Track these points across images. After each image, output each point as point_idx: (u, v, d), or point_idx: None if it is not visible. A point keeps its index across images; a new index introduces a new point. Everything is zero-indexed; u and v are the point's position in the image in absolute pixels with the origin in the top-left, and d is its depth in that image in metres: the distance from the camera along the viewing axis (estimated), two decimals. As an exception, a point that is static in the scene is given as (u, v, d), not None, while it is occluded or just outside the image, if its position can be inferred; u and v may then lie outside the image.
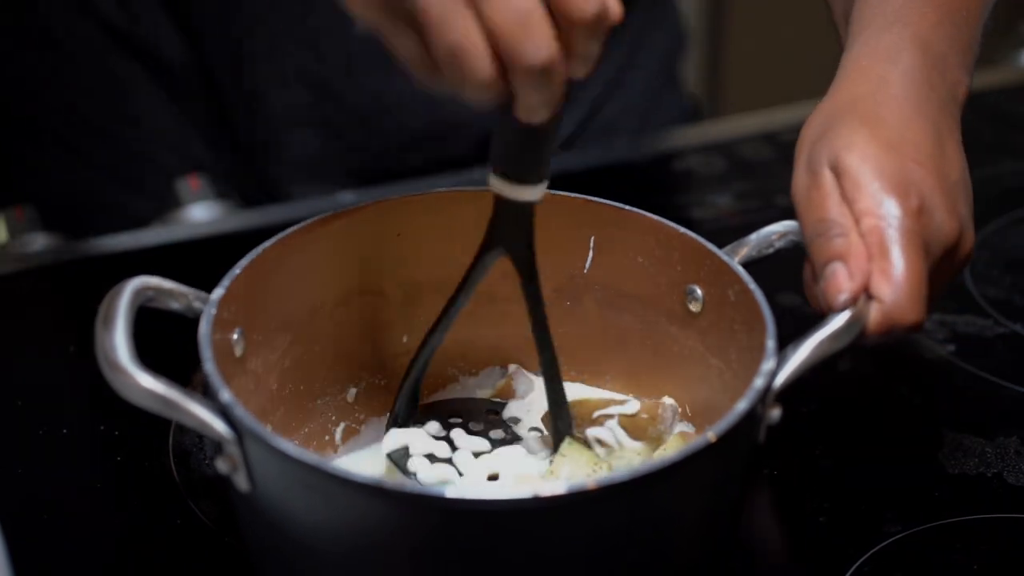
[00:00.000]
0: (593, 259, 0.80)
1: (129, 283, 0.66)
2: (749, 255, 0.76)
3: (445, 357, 0.80)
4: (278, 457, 0.62)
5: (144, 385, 0.62)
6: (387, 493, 0.60)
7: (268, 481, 0.64)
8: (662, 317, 0.79)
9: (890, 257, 0.69)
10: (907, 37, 0.76)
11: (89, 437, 0.84)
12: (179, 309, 0.69)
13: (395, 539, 0.63)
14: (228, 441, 0.63)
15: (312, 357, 0.78)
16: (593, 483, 0.60)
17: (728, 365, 0.75)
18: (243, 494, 0.65)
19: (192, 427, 0.64)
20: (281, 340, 0.75)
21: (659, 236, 0.77)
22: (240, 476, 0.64)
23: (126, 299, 0.65)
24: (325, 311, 0.78)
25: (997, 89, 1.30)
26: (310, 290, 0.77)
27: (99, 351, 0.63)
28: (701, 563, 0.70)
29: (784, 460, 0.82)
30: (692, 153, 1.18)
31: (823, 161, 0.73)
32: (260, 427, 0.62)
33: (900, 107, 0.74)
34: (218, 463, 0.64)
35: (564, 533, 0.62)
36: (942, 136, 0.75)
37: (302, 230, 0.75)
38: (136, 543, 0.78)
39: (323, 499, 0.62)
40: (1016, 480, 0.83)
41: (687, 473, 0.63)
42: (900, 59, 0.76)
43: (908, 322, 0.69)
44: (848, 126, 0.73)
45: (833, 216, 0.71)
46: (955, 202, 0.73)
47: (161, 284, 0.68)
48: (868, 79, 0.76)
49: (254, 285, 0.72)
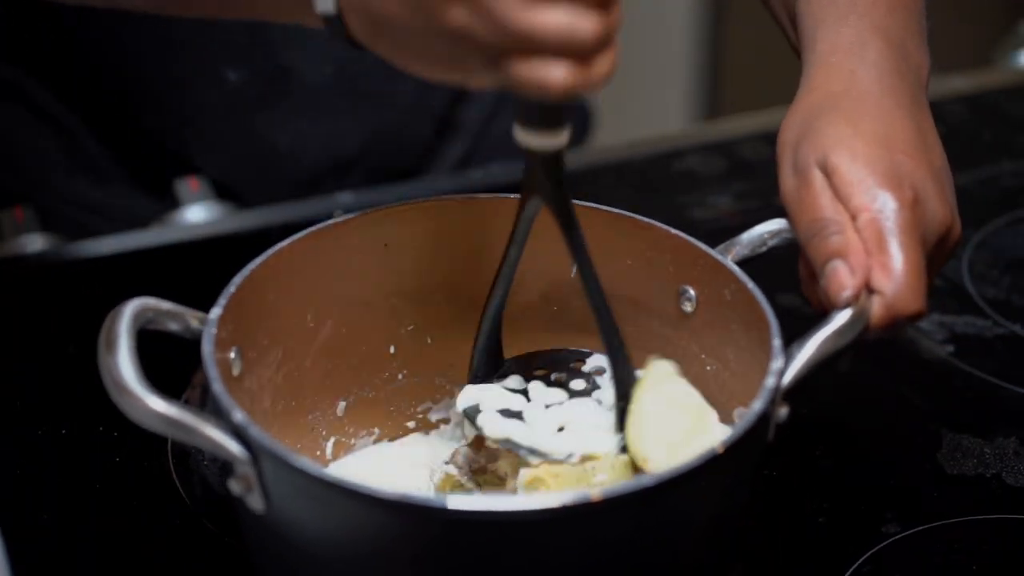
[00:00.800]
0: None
1: (128, 305, 0.66)
2: (742, 254, 0.76)
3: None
4: (295, 475, 0.61)
5: (154, 408, 0.62)
6: (405, 505, 0.59)
7: (283, 499, 0.63)
8: (654, 319, 0.78)
9: (889, 250, 0.70)
10: (866, 28, 0.77)
11: (88, 437, 0.84)
12: (177, 330, 0.68)
13: (404, 549, 0.62)
14: (242, 462, 0.62)
15: (303, 372, 0.77)
16: (599, 494, 0.60)
17: (725, 365, 0.75)
18: (256, 514, 0.64)
19: (204, 448, 0.63)
20: (273, 356, 0.75)
21: (649, 238, 0.77)
22: (255, 497, 0.63)
23: (127, 321, 0.65)
24: (314, 324, 0.78)
25: (996, 89, 1.30)
26: (300, 303, 0.76)
27: (105, 376, 0.62)
28: (708, 569, 0.69)
29: (784, 461, 0.82)
30: (692, 153, 1.18)
31: (811, 161, 0.73)
32: (277, 445, 0.61)
33: (878, 100, 0.74)
34: (231, 484, 0.63)
35: (568, 543, 0.62)
36: (921, 125, 0.75)
37: (292, 244, 0.75)
38: (135, 544, 0.78)
39: (338, 513, 0.62)
40: (1015, 481, 0.83)
41: (699, 481, 0.63)
42: (866, 52, 0.76)
43: (910, 312, 0.70)
44: (831, 124, 0.73)
45: (828, 215, 0.71)
46: (943, 189, 0.74)
47: (159, 305, 0.67)
48: (839, 75, 0.76)
49: (248, 301, 0.71)
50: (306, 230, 0.75)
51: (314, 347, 0.78)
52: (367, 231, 0.78)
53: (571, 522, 0.61)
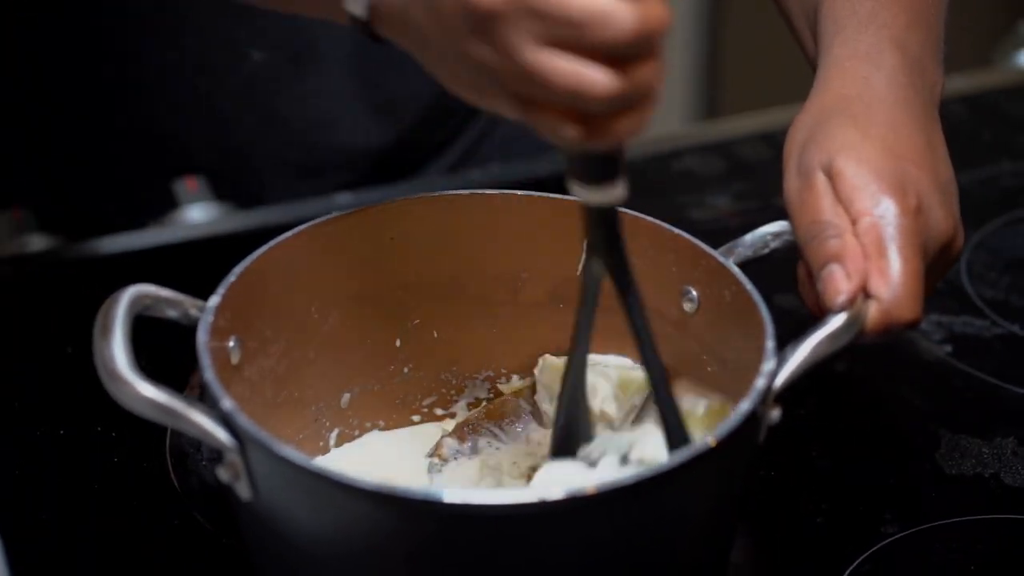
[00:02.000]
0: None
1: (126, 291, 0.66)
2: (744, 255, 0.76)
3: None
4: (281, 464, 0.61)
5: (144, 394, 0.62)
6: (392, 498, 0.60)
7: (270, 488, 0.63)
8: (656, 318, 0.79)
9: (887, 256, 0.69)
10: (885, 39, 0.77)
11: (86, 438, 0.84)
12: (176, 317, 0.68)
13: (397, 543, 0.63)
14: (230, 449, 0.63)
15: (306, 363, 0.78)
16: (593, 488, 0.60)
17: (724, 366, 0.75)
18: (245, 502, 0.65)
19: (193, 436, 0.63)
20: (275, 347, 0.75)
21: (653, 238, 0.77)
22: (242, 484, 0.64)
23: (123, 307, 0.65)
24: (319, 316, 0.78)
25: (996, 89, 1.30)
26: (304, 295, 0.77)
27: (98, 360, 0.63)
28: (703, 566, 0.69)
29: (782, 461, 0.82)
30: (691, 153, 1.18)
31: (815, 164, 0.73)
32: (263, 434, 0.62)
33: (889, 109, 0.74)
34: (219, 472, 0.64)
35: (563, 538, 0.62)
36: (931, 136, 0.75)
37: (295, 236, 0.75)
38: (133, 544, 0.78)
39: (326, 505, 0.62)
40: (1013, 481, 0.83)
41: (689, 477, 0.63)
42: (882, 61, 0.76)
43: (906, 320, 0.69)
44: (840, 128, 0.73)
45: (827, 218, 0.71)
46: (949, 200, 0.74)
47: (158, 292, 0.68)
48: (853, 80, 0.76)
49: (249, 291, 0.72)
50: (310, 222, 0.75)
51: (318, 339, 0.78)
52: (372, 224, 0.78)
53: (567, 515, 0.61)
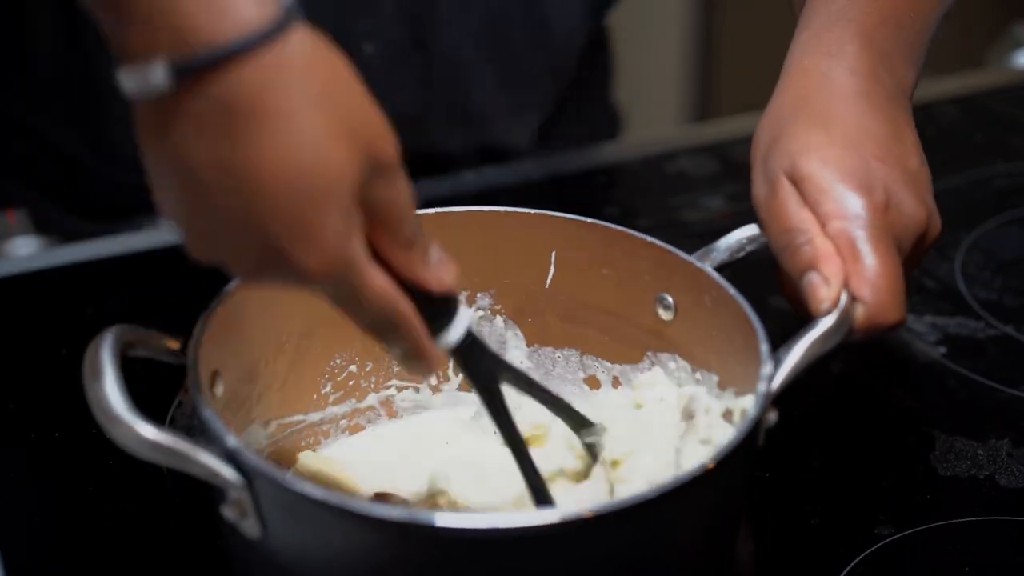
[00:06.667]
0: (555, 274, 0.80)
1: (109, 332, 0.64)
2: (720, 259, 0.75)
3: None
4: (293, 497, 0.60)
5: (146, 436, 0.60)
6: (408, 527, 0.59)
7: (280, 524, 0.62)
8: (632, 328, 0.78)
9: (862, 259, 0.69)
10: (850, 32, 0.76)
11: (81, 440, 0.84)
12: (159, 357, 0.67)
13: (415, 572, 0.62)
14: (236, 487, 0.61)
15: (281, 389, 0.77)
16: (589, 511, 0.59)
17: (710, 372, 0.75)
18: (251, 540, 0.63)
19: (197, 475, 0.62)
20: (250, 376, 0.74)
21: (625, 247, 0.77)
22: (250, 522, 0.62)
23: (109, 347, 0.63)
24: (291, 343, 0.77)
25: (990, 91, 1.31)
26: (276, 324, 0.76)
27: (93, 404, 0.61)
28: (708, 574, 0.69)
29: (776, 463, 0.82)
30: (684, 155, 1.18)
31: (779, 169, 0.72)
32: (272, 469, 0.61)
33: (851, 102, 0.73)
34: (223, 511, 0.63)
35: (560, 561, 0.61)
36: (897, 125, 0.74)
37: None
38: (128, 546, 0.78)
39: (341, 537, 0.61)
40: (1008, 482, 0.83)
41: (696, 488, 0.62)
42: (843, 53, 0.75)
43: (891, 322, 0.70)
44: (801, 129, 0.73)
45: (795, 224, 0.70)
46: (920, 190, 0.73)
47: (137, 333, 0.66)
48: (812, 77, 0.75)
49: (226, 323, 0.70)
50: None
51: (288, 366, 0.77)
52: None
53: (565, 538, 0.60)
